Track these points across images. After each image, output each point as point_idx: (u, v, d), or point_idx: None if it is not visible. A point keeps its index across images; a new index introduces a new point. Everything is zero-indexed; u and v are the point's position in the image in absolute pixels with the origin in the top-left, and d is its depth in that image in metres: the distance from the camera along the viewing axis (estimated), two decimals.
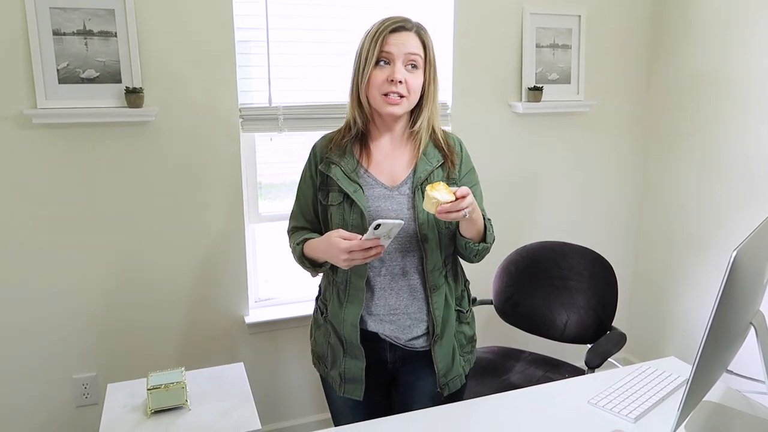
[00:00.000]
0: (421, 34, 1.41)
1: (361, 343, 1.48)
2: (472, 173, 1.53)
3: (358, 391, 1.51)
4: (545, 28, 2.58)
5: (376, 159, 1.47)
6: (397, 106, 1.39)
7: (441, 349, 1.49)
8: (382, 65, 1.39)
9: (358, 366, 1.49)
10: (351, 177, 1.43)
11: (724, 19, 2.46)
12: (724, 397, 1.42)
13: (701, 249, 2.64)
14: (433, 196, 1.24)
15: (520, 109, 2.56)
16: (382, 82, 1.38)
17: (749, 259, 1.07)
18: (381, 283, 1.46)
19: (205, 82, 2.14)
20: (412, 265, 1.45)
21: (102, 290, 2.15)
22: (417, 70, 1.40)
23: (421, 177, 1.42)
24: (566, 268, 2.26)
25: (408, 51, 1.38)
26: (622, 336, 2.07)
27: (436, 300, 1.46)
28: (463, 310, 1.55)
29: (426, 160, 1.44)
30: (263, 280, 2.47)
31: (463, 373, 1.55)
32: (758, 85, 2.34)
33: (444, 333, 1.48)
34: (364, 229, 1.38)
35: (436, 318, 1.46)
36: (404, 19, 1.41)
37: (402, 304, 1.46)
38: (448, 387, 1.51)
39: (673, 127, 2.74)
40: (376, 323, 1.48)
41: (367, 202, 1.42)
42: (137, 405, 1.68)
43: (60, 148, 2.02)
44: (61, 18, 1.93)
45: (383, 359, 1.52)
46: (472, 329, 1.59)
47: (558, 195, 2.79)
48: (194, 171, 2.18)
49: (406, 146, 1.48)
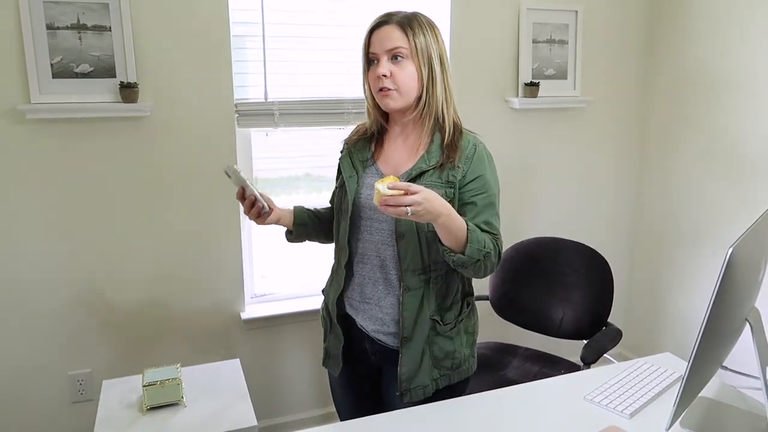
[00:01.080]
0: (403, 25, 1.39)
1: (346, 326, 1.55)
2: (481, 181, 1.42)
3: (336, 366, 1.58)
4: (542, 23, 2.58)
5: (386, 152, 1.50)
6: (389, 98, 1.40)
7: (408, 351, 1.44)
8: (373, 65, 1.42)
9: (337, 344, 1.56)
10: (354, 164, 1.49)
11: (721, 14, 2.45)
12: (720, 393, 1.42)
13: (697, 245, 2.65)
14: (378, 188, 1.21)
15: (517, 104, 2.56)
16: (374, 80, 1.41)
17: (745, 255, 1.07)
18: (361, 270, 1.49)
19: (200, 77, 2.12)
20: (391, 260, 1.45)
21: (96, 286, 2.14)
22: (404, 60, 1.39)
23: (413, 174, 1.41)
24: (562, 264, 2.26)
25: (388, 46, 1.39)
26: (618, 332, 2.08)
27: (408, 300, 1.43)
28: (442, 322, 1.46)
29: (426, 158, 1.43)
30: (259, 276, 2.46)
31: (432, 386, 1.46)
32: (755, 81, 2.34)
33: (413, 336, 1.44)
34: (352, 213, 1.46)
35: (405, 319, 1.43)
36: (388, 14, 1.41)
37: (376, 296, 1.48)
38: (409, 394, 1.45)
39: (670, 123, 2.74)
40: (351, 308, 1.53)
41: (361, 189, 1.47)
42: (133, 401, 1.67)
43: (54, 143, 2.01)
44: (54, 12, 1.91)
45: (364, 348, 1.55)
46: (455, 345, 1.48)
47: (554, 191, 2.79)
48: (189, 166, 2.17)
49: (414, 137, 1.48)
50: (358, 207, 1.46)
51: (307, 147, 2.43)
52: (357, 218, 1.47)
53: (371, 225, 1.45)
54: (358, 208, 1.46)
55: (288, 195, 2.42)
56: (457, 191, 1.40)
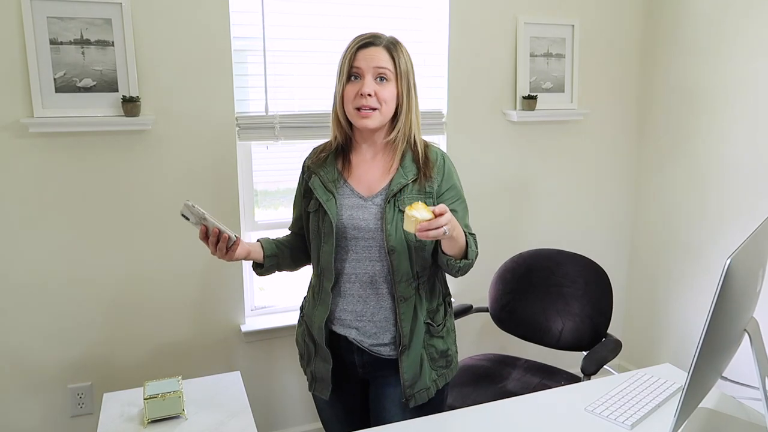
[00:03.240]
0: (390, 48, 1.44)
1: (331, 345, 1.54)
2: (454, 189, 1.51)
3: (325, 391, 1.57)
4: (539, 37, 2.61)
5: (355, 170, 1.52)
6: (369, 119, 1.43)
7: (408, 359, 1.48)
8: (353, 80, 1.44)
9: (326, 367, 1.55)
10: (327, 186, 1.49)
11: (717, 27, 2.49)
12: (719, 404, 1.43)
13: (695, 256, 2.66)
14: (411, 215, 1.25)
15: (515, 117, 2.58)
16: (354, 96, 1.43)
17: (743, 266, 1.08)
18: (350, 290, 1.50)
19: (201, 91, 2.14)
20: (381, 275, 1.47)
21: (97, 299, 2.14)
22: (388, 82, 1.44)
23: (394, 189, 1.44)
24: (561, 276, 2.27)
25: (376, 65, 1.42)
26: (618, 343, 2.08)
27: (404, 310, 1.47)
28: (434, 324, 1.52)
29: (402, 173, 1.47)
30: (258, 288, 2.47)
31: (433, 387, 1.53)
32: (749, 92, 2.37)
33: (411, 344, 1.48)
34: (335, 236, 1.47)
35: (403, 328, 1.47)
36: (374, 35, 1.46)
37: (368, 312, 1.49)
38: (414, 399, 1.50)
39: (666, 135, 2.77)
40: (343, 327, 1.53)
41: (341, 210, 1.48)
42: (133, 414, 1.67)
43: (56, 157, 2.02)
44: (58, 27, 1.93)
45: (352, 361, 1.55)
46: (447, 344, 1.56)
47: (552, 203, 2.81)
48: (191, 179, 2.19)
49: (385, 157, 1.51)
50: (342, 228, 1.47)
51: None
52: (341, 239, 1.48)
53: (357, 244, 1.47)
54: (342, 229, 1.47)
55: (286, 207, 2.44)
56: (436, 201, 1.47)
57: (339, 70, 1.46)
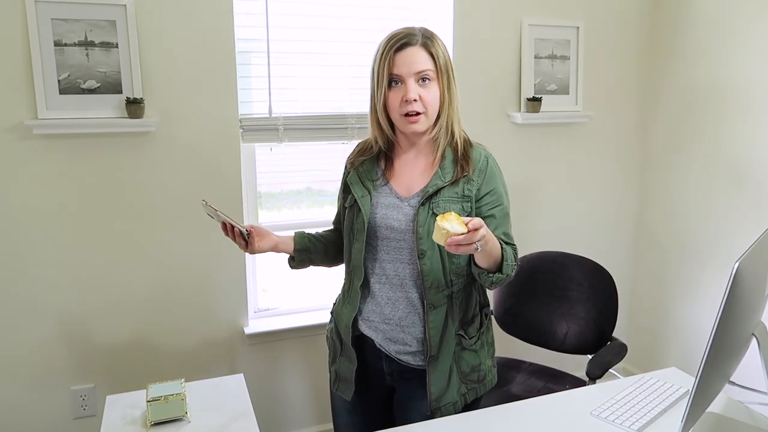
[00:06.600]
0: (427, 45, 1.37)
1: (359, 346, 1.50)
2: (495, 194, 1.42)
3: (348, 391, 1.53)
4: (544, 39, 2.60)
5: (397, 170, 1.48)
6: (417, 123, 1.39)
7: (436, 370, 1.43)
8: (395, 86, 1.38)
9: (350, 367, 1.52)
10: (364, 183, 1.47)
11: (722, 29, 2.48)
12: (727, 409, 1.42)
13: (701, 259, 2.64)
14: (443, 227, 1.15)
15: (519, 119, 2.57)
16: (399, 103, 1.37)
17: (751, 270, 1.07)
18: (380, 291, 1.46)
19: (205, 93, 2.14)
20: (411, 279, 1.42)
21: (100, 301, 2.14)
22: (430, 82, 1.38)
23: (430, 191, 1.39)
24: (566, 279, 2.26)
25: (417, 69, 1.36)
26: (623, 346, 2.07)
27: (433, 318, 1.41)
28: (467, 336, 1.46)
29: (440, 174, 1.41)
30: (261, 290, 2.46)
31: (461, 401, 1.46)
32: (756, 95, 2.36)
33: (440, 354, 1.42)
34: (366, 234, 1.44)
35: (432, 337, 1.41)
36: (408, 33, 1.37)
37: (397, 315, 1.45)
38: (440, 411, 1.43)
39: (672, 137, 2.75)
40: (369, 329, 1.49)
41: (375, 208, 1.44)
42: (136, 417, 1.66)
43: (60, 158, 2.02)
44: (62, 29, 1.93)
45: (380, 368, 1.51)
46: (480, 358, 1.49)
47: (557, 205, 2.80)
48: (194, 181, 2.18)
49: (427, 154, 1.46)
50: (374, 227, 1.44)
51: (308, 161, 2.45)
52: (373, 238, 1.45)
53: (388, 244, 1.43)
54: (374, 228, 1.44)
55: (290, 209, 2.43)
56: (474, 205, 1.40)
57: (376, 75, 1.39)
